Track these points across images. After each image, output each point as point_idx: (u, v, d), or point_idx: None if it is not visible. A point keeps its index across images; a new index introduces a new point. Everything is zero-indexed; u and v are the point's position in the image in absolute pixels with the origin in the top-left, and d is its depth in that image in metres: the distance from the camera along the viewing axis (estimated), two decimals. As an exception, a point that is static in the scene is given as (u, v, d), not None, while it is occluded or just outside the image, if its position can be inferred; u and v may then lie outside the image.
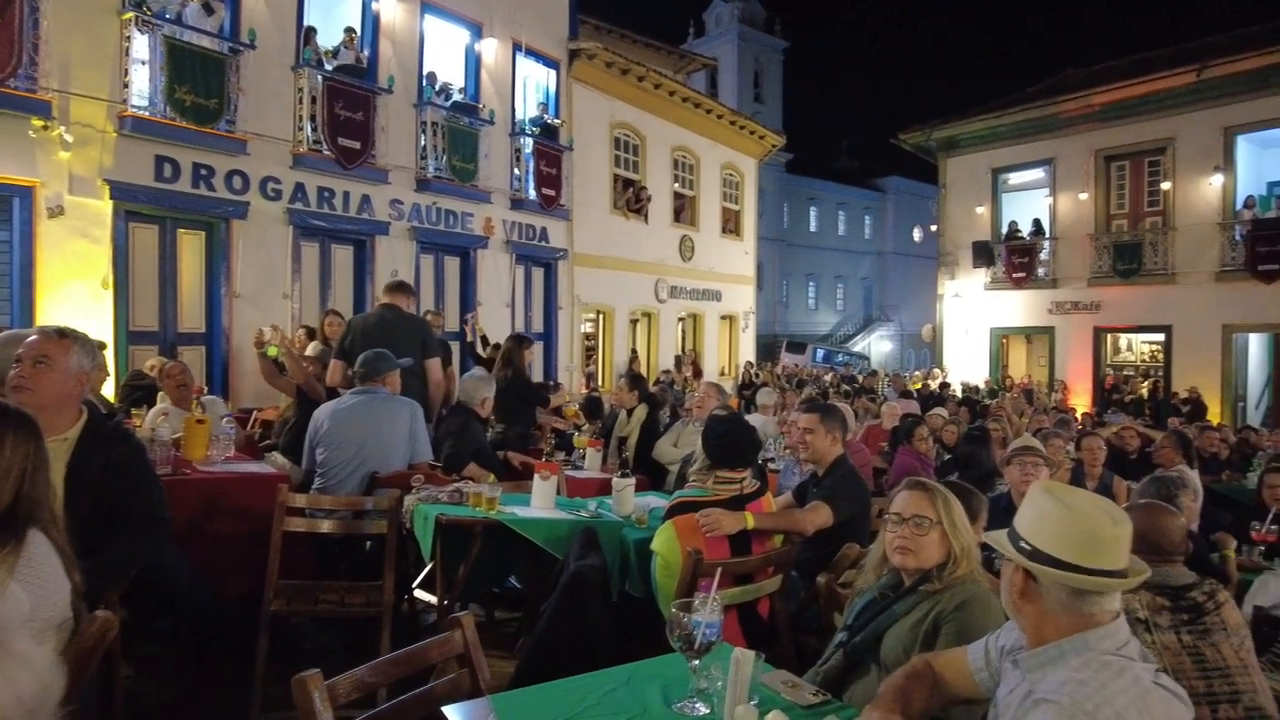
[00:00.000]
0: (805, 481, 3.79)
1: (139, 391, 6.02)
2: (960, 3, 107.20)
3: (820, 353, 30.88)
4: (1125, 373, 17.72)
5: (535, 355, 10.95)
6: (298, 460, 4.69)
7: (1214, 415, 13.98)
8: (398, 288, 5.33)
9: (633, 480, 3.71)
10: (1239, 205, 15.06)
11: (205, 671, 3.65)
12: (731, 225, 19.33)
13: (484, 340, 9.09)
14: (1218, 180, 15.18)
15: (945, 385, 16.03)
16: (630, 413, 5.74)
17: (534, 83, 13.82)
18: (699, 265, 17.74)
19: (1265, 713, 2.17)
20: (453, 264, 12.24)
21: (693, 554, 2.75)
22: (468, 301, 12.12)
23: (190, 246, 9.25)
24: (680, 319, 17.83)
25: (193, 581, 3.33)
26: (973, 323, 18.89)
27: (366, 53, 10.80)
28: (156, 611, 3.60)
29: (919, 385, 16.05)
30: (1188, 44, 17.32)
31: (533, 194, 13.01)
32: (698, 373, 16.23)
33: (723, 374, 18.77)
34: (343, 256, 10.83)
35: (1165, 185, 15.95)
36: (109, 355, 6.74)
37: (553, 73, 13.98)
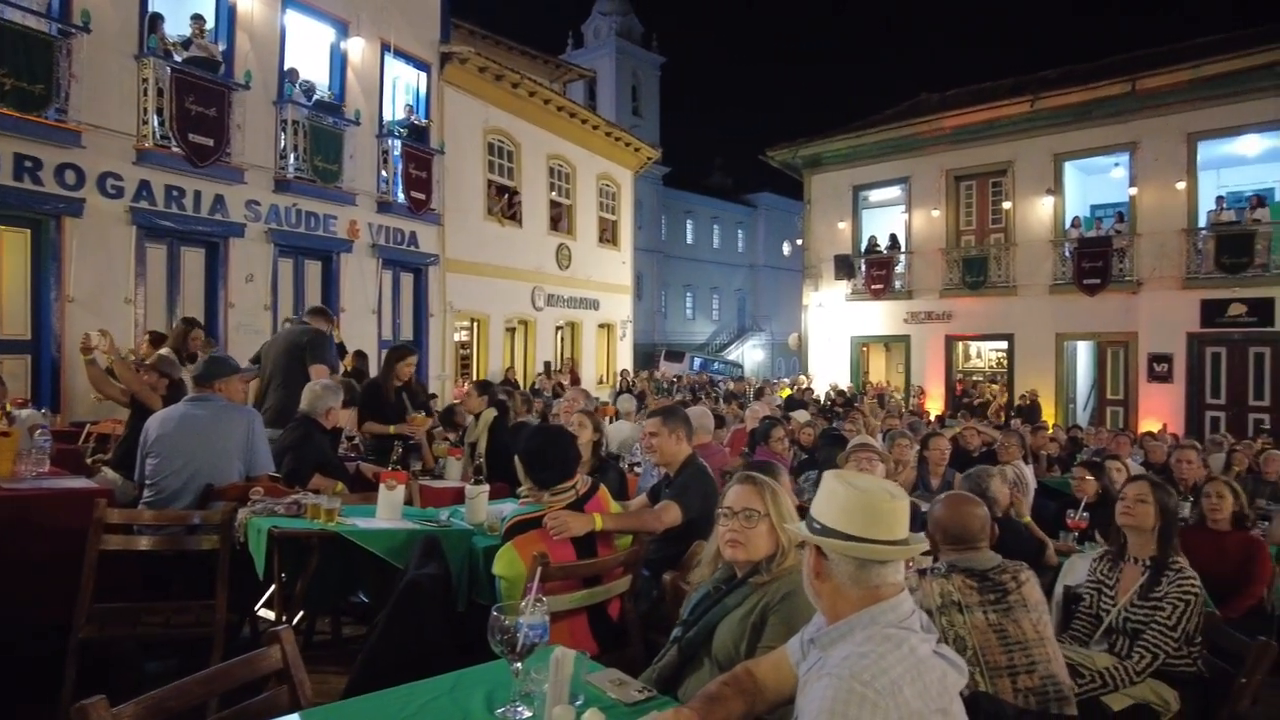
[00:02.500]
0: (659, 482, 3.85)
1: (-59, 405, 5.41)
2: (826, 28, 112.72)
3: (698, 361, 31.54)
4: (974, 378, 19.02)
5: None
6: (131, 474, 4.36)
7: (1049, 416, 15.22)
8: (310, 312, 5.26)
9: (486, 488, 3.64)
10: (1067, 225, 16.52)
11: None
12: (609, 235, 19.48)
13: (341, 348, 8.73)
14: (1049, 201, 16.59)
15: (809, 390, 16.70)
16: (478, 417, 5.66)
17: (403, 84, 13.48)
18: (576, 274, 17.76)
19: (1057, 680, 2.37)
20: (314, 268, 11.72)
21: (538, 558, 2.72)
22: (330, 307, 11.62)
23: (12, 246, 8.42)
24: (558, 327, 17.78)
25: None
26: (835, 331, 19.81)
27: (222, 46, 10.21)
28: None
29: (787, 392, 16.63)
30: (1024, 76, 18.85)
31: (401, 197, 12.66)
32: (575, 380, 16.21)
33: (601, 382, 18.83)
34: (193, 259, 10.16)
35: (1006, 204, 17.29)
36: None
37: (423, 75, 13.68)
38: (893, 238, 19.02)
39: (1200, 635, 2.95)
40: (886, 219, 19.77)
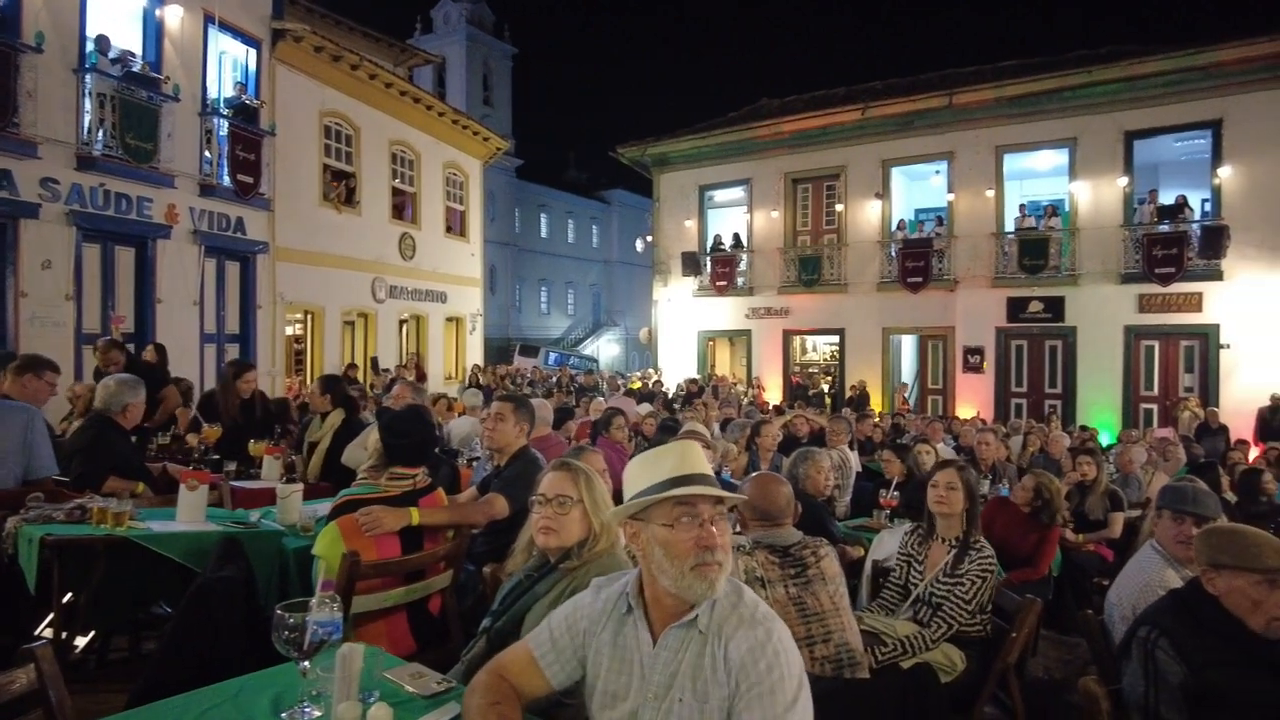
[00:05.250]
0: (489, 475, 3.80)
1: None
2: (676, 28, 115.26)
3: (552, 356, 31.45)
4: (810, 370, 20.06)
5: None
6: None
7: (876, 405, 16.30)
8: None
9: (299, 487, 3.46)
10: (894, 227, 17.73)
11: None
12: (456, 225, 19.02)
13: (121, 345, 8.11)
14: (878, 205, 17.74)
15: (659, 384, 17.06)
16: (324, 417, 5.38)
17: (231, 60, 12.57)
18: (421, 265, 17.22)
19: (850, 647, 2.53)
20: (126, 255, 10.71)
21: (348, 557, 2.62)
22: (145, 298, 10.70)
23: None
24: (402, 320, 17.17)
25: None
26: (684, 326, 20.34)
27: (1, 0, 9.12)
28: None
29: (638, 385, 16.90)
30: (855, 86, 20.01)
31: (226, 180, 11.81)
32: (421, 376, 15.73)
33: (449, 378, 18.38)
34: (-27, 242, 9.06)
35: (839, 207, 18.32)
36: None
37: (253, 51, 12.82)
38: (736, 237, 19.70)
39: (991, 605, 3.25)
40: (730, 218, 20.45)
